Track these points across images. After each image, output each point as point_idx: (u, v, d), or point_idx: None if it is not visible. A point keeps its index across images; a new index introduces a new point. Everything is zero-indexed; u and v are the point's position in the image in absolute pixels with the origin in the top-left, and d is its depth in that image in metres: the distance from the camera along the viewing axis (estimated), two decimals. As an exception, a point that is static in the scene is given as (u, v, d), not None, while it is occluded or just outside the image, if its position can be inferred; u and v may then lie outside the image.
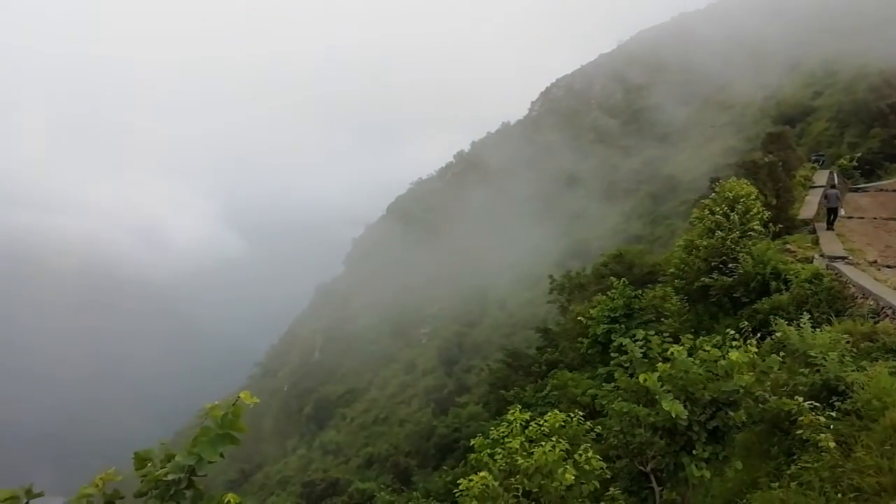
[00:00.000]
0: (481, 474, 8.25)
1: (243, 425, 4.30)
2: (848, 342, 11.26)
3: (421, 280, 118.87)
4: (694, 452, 8.20)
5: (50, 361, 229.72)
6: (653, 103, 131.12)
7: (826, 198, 28.37)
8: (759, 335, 12.99)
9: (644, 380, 8.38)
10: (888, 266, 21.17)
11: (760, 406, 8.80)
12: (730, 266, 19.61)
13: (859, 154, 49.92)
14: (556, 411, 10.05)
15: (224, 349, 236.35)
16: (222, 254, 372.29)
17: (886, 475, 7.60)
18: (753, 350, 8.94)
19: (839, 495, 7.72)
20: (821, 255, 21.13)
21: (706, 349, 8.82)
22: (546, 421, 9.67)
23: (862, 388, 9.35)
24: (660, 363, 8.88)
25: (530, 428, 9.51)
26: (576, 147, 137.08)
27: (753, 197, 21.07)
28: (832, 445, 8.29)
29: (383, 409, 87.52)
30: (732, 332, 9.46)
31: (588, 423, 10.17)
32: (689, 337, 9.55)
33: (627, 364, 9.74)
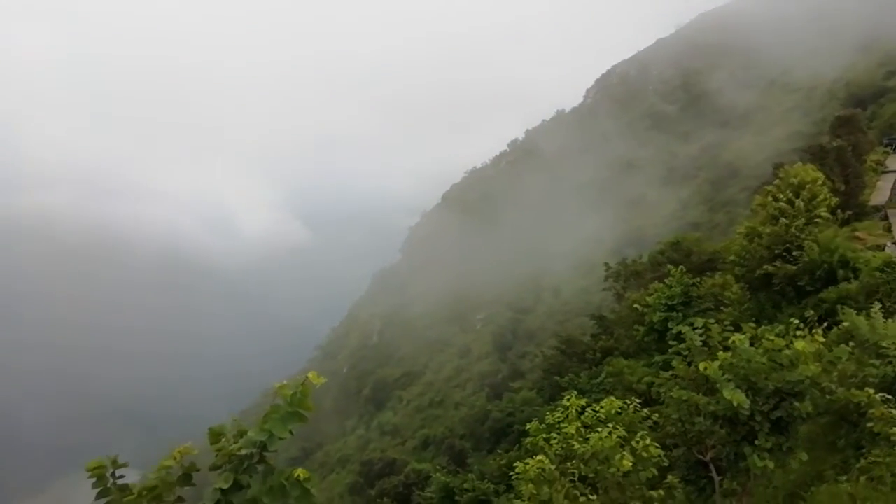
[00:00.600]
0: (538, 458, 8.32)
1: (311, 404, 4.50)
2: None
3: (476, 267, 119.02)
4: (756, 443, 8.06)
5: (133, 340, 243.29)
6: (713, 88, 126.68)
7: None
8: (825, 325, 12.54)
9: (704, 368, 8.26)
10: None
11: (827, 397, 8.55)
12: (794, 254, 18.94)
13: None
14: (612, 398, 10.00)
15: (287, 332, 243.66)
16: (287, 242, 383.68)
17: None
18: (820, 340, 8.68)
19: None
20: (893, 243, 20.14)
21: (769, 338, 8.62)
22: (602, 407, 9.64)
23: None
24: (720, 352, 8.74)
25: (586, 414, 9.51)
26: (632, 134, 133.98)
27: (820, 183, 20.23)
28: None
29: (438, 393, 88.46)
30: (797, 322, 9.18)
31: (645, 411, 10.08)
32: (752, 326, 9.33)
33: (686, 352, 9.60)
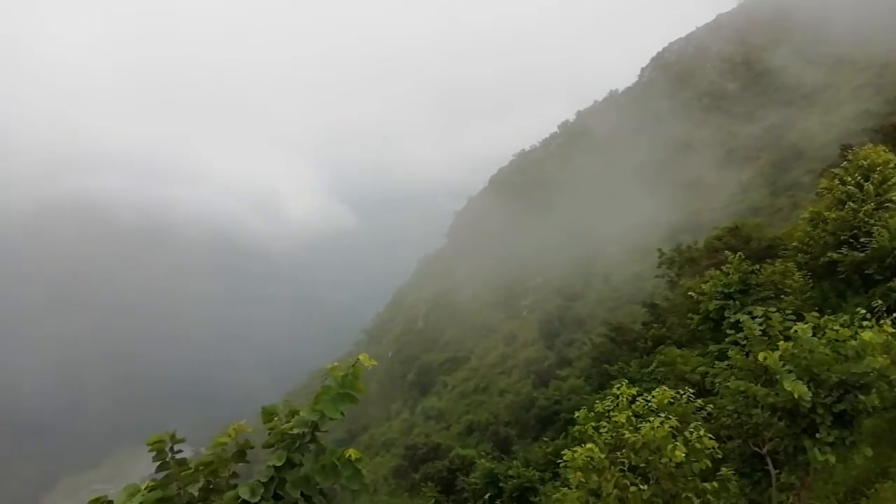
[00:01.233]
0: (588, 446, 8.21)
1: (362, 386, 4.53)
2: None
3: (523, 252, 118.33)
4: (817, 436, 7.80)
5: (185, 323, 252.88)
6: (777, 65, 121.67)
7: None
8: (895, 315, 11.95)
9: (763, 358, 8.00)
10: None
11: (895, 391, 8.17)
12: (862, 240, 18.07)
13: None
14: (665, 388, 9.77)
15: (332, 316, 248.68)
16: (333, 226, 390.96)
17: None
18: (889, 331, 8.29)
19: None
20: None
21: (834, 328, 8.30)
22: (654, 397, 9.44)
23: None
24: (781, 341, 8.44)
25: (637, 403, 9.33)
26: (689, 114, 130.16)
27: (892, 165, 19.19)
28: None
29: (483, 379, 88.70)
30: (863, 312, 8.78)
31: (698, 402, 9.83)
32: (815, 315, 8.98)
33: (744, 341, 9.32)
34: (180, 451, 4.86)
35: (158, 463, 4.73)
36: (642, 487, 7.64)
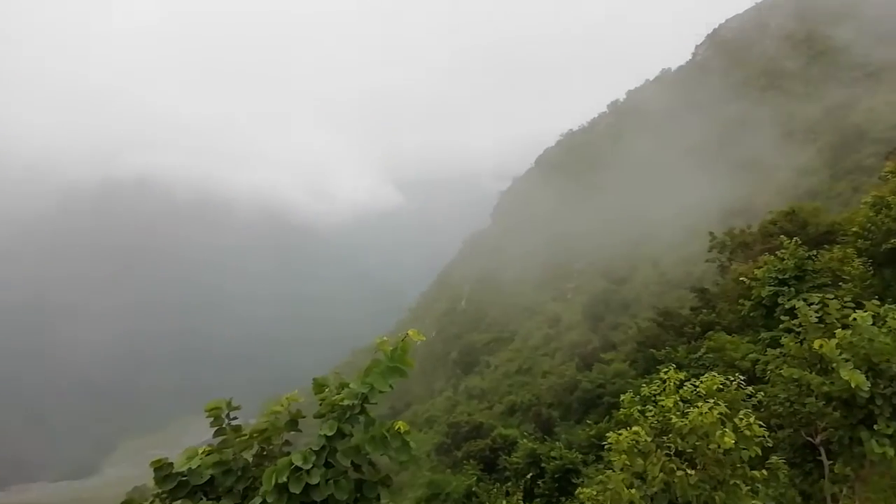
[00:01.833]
0: (634, 429, 8.16)
1: (411, 361, 4.61)
2: None
3: (569, 233, 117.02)
4: (875, 427, 7.56)
5: (241, 300, 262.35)
6: (842, 42, 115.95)
7: None
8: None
9: (819, 346, 7.78)
10: None
11: (961, 384, 7.84)
12: (929, 227, 17.26)
13: None
14: (714, 374, 9.60)
15: (377, 294, 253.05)
16: (380, 205, 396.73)
17: None
18: (956, 322, 7.94)
19: None
20: None
21: (895, 317, 7.98)
22: (702, 382, 9.29)
23: None
24: (838, 329, 8.18)
25: (685, 388, 9.20)
26: (746, 93, 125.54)
27: (966, 148, 18.21)
28: None
29: (526, 360, 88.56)
30: (930, 301, 8.43)
31: (748, 389, 9.63)
32: (875, 303, 8.65)
33: (798, 329, 9.07)
34: (235, 419, 5.07)
35: (215, 428, 4.94)
36: (689, 472, 7.56)
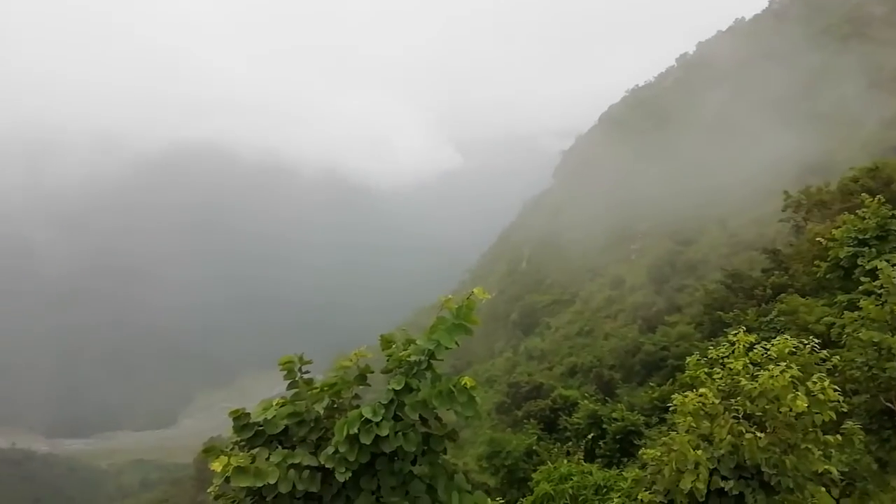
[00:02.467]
0: (700, 391, 8.03)
1: (476, 318, 4.67)
2: None
3: (634, 193, 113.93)
4: (961, 395, 7.17)
5: (306, 266, 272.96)
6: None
7: None
8: None
9: (903, 309, 7.40)
10: None
11: None
12: None
13: None
14: (786, 337, 9.29)
15: (438, 254, 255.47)
16: (440, 166, 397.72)
17: None
18: None
19: None
20: None
21: None
22: (773, 345, 9.01)
23: None
24: (924, 292, 7.74)
25: (755, 351, 8.96)
26: (826, 42, 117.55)
27: None
28: None
29: (588, 322, 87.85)
30: None
31: (823, 353, 9.28)
32: (968, 265, 8.13)
33: (880, 291, 8.64)
34: (307, 373, 5.30)
35: (289, 381, 5.19)
36: (759, 435, 7.42)
